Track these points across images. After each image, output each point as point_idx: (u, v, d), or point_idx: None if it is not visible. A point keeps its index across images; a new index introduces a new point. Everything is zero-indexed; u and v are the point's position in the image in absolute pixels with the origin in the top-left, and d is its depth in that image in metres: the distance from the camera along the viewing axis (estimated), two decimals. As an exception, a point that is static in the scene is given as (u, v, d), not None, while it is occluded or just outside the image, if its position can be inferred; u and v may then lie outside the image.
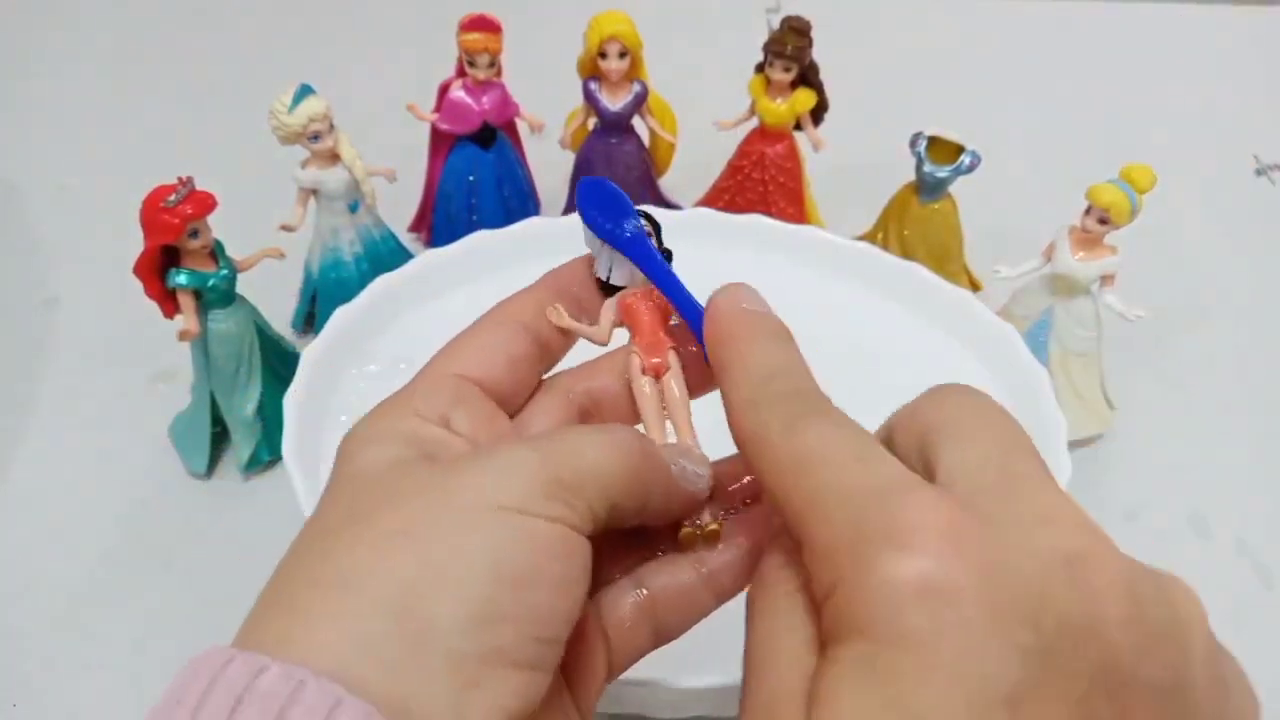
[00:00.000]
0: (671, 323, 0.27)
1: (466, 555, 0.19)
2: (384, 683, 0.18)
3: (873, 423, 0.24)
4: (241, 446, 0.47)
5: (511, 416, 0.26)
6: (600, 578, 0.25)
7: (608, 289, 0.28)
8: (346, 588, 0.19)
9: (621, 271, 0.27)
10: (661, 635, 0.25)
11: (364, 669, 0.18)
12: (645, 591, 0.25)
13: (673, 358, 0.27)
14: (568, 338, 0.27)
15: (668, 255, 0.27)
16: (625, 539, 0.25)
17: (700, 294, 0.26)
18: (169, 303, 0.44)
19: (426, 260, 0.48)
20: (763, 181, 0.58)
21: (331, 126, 0.48)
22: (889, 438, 0.23)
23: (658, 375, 0.27)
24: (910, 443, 0.22)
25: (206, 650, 0.18)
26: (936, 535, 0.18)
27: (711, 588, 0.25)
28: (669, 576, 0.25)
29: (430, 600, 0.19)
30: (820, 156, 0.57)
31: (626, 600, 0.25)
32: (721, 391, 0.23)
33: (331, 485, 0.22)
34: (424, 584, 0.19)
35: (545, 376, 0.27)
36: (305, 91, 0.47)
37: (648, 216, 0.27)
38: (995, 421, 0.21)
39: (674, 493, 0.24)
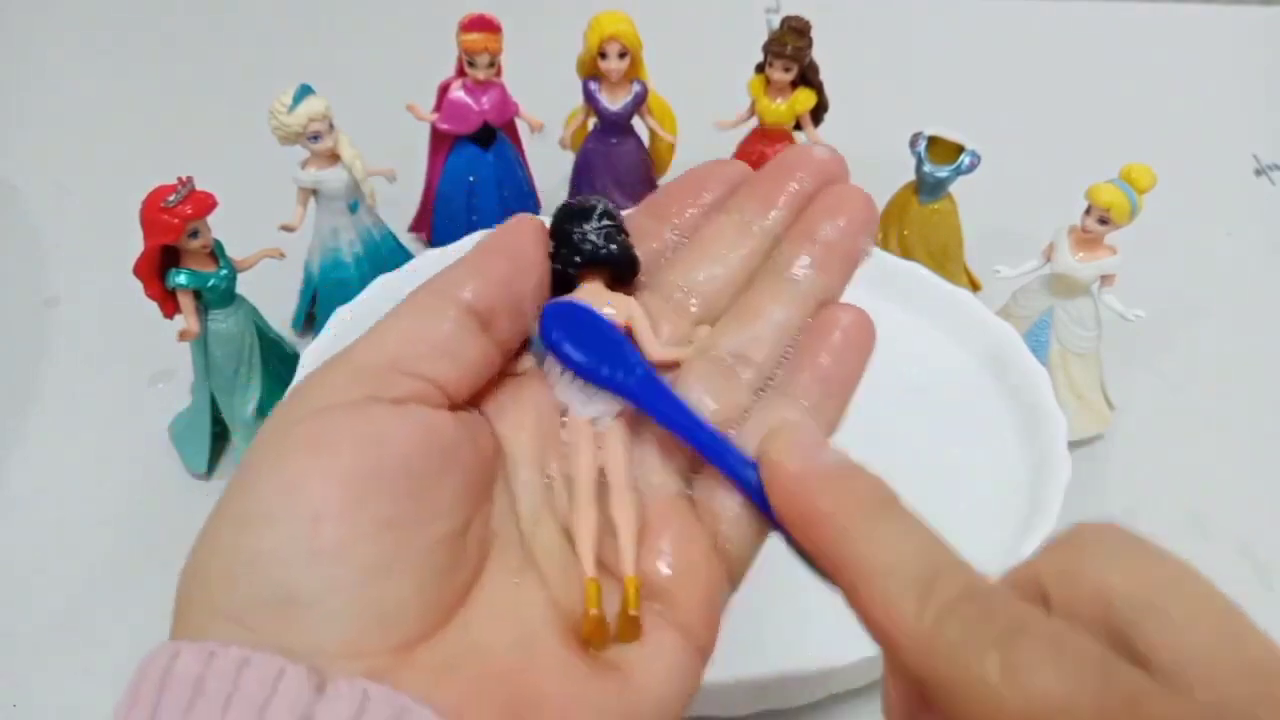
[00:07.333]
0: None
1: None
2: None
3: (873, 423, 0.23)
4: (241, 446, 0.47)
5: (477, 406, 0.22)
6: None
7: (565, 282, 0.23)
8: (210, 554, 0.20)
9: (592, 404, 0.22)
10: None
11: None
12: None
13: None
14: (519, 318, 0.22)
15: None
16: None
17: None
18: (169, 303, 0.44)
19: (426, 260, 0.48)
20: (763, 181, 0.58)
21: (331, 126, 0.48)
22: (1042, 594, 0.18)
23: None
24: (1085, 609, 0.18)
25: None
26: None
27: None
28: None
29: (256, 531, 0.20)
30: (820, 156, 0.57)
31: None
32: (857, 602, 0.18)
33: None
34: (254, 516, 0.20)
35: None
36: (305, 91, 0.47)
37: (611, 215, 0.23)
38: (1208, 601, 0.18)
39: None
